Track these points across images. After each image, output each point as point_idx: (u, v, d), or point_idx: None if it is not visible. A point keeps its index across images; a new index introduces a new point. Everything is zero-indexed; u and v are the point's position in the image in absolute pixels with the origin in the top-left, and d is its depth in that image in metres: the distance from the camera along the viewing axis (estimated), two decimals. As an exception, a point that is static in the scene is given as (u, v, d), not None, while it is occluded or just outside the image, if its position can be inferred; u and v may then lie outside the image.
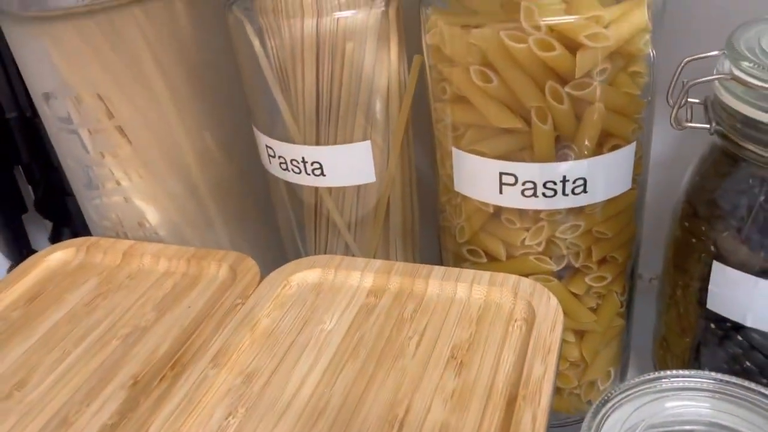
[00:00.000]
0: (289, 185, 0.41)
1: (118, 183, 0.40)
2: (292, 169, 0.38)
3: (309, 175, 0.38)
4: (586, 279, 0.35)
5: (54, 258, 0.42)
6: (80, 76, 0.36)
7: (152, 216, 0.42)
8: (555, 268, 0.35)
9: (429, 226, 0.43)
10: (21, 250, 0.61)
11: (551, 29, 0.29)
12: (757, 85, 0.28)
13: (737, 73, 0.29)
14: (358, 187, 0.39)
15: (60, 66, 0.36)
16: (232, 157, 0.43)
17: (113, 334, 0.35)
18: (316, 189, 0.40)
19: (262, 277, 0.37)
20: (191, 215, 0.43)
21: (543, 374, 0.28)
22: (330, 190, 0.39)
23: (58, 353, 0.34)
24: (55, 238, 0.65)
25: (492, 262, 0.36)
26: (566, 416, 0.41)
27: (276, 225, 0.45)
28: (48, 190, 0.61)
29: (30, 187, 0.62)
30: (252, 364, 0.31)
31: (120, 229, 0.43)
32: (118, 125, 0.39)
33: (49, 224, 0.65)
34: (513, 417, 0.26)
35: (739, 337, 0.32)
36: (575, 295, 0.36)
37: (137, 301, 0.37)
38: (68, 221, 0.63)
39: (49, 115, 0.39)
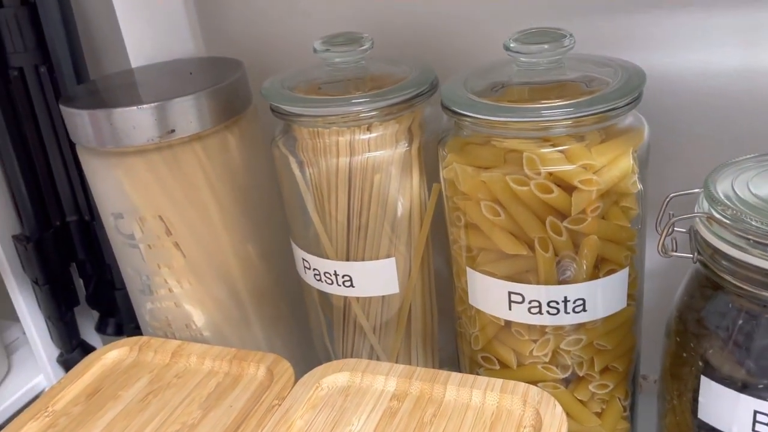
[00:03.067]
0: (321, 293, 0.45)
1: (171, 290, 0.46)
2: (325, 280, 0.43)
3: (340, 285, 0.42)
4: (590, 386, 0.39)
5: (110, 356, 0.46)
6: (146, 201, 0.42)
7: (198, 318, 0.46)
8: (561, 376, 0.38)
9: (448, 326, 0.47)
10: (71, 340, 0.66)
11: (550, 174, 0.34)
12: (731, 226, 0.32)
13: (714, 213, 0.33)
14: (383, 296, 0.44)
15: (130, 192, 0.42)
16: (270, 267, 0.48)
17: (164, 430, 0.39)
18: (346, 297, 0.44)
19: (296, 375, 0.41)
20: (232, 317, 0.47)
21: (547, 480, 0.31)
22: (358, 298, 0.44)
23: (116, 448, 0.38)
24: (102, 328, 0.70)
25: (504, 369, 0.40)
26: None
27: (307, 326, 0.50)
28: (98, 285, 0.67)
29: (82, 281, 0.68)
30: (288, 463, 0.35)
31: (168, 330, 0.48)
32: (175, 241, 0.44)
33: (95, 314, 0.70)
34: None
35: (729, 446, 0.35)
36: (580, 401, 0.39)
37: (185, 399, 0.41)
38: (114, 312, 0.68)
39: (114, 230, 0.45)
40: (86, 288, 0.68)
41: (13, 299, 0.64)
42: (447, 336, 0.47)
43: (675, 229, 0.36)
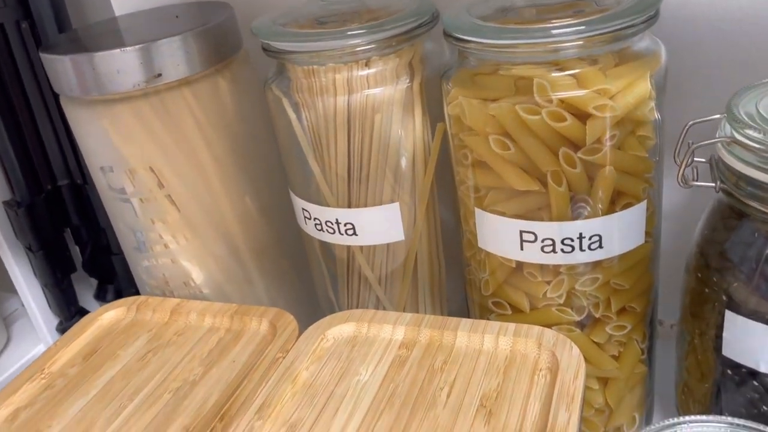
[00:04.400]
0: (323, 244, 0.44)
1: (166, 246, 0.44)
2: (327, 230, 0.41)
3: (342, 234, 0.40)
4: (607, 328, 0.37)
5: (107, 317, 0.45)
6: (135, 151, 0.40)
7: (197, 275, 0.45)
8: (576, 318, 0.37)
9: (455, 277, 0.46)
10: (69, 308, 0.64)
11: (562, 102, 0.31)
12: (756, 149, 0.30)
13: (737, 136, 0.31)
14: (388, 244, 0.42)
15: (117, 143, 0.40)
16: (270, 221, 0.46)
17: (165, 388, 0.37)
18: (349, 247, 0.43)
19: (300, 331, 0.40)
20: (233, 274, 0.46)
21: (567, 421, 0.30)
22: (361, 247, 0.42)
23: (115, 407, 0.37)
24: (100, 295, 0.69)
25: (516, 314, 0.38)
26: (595, 462, 0.42)
27: (310, 281, 0.48)
28: (94, 251, 0.65)
29: (78, 248, 0.66)
30: (294, 415, 0.34)
31: (166, 288, 0.47)
32: (168, 194, 0.42)
33: (94, 282, 0.68)
34: (540, 462, 0.28)
35: (755, 383, 0.33)
36: (597, 343, 0.38)
37: (185, 356, 0.40)
38: (112, 279, 0.67)
39: (105, 185, 0.43)
40: (82, 254, 0.66)
41: (7, 267, 0.62)
42: (454, 286, 0.46)
43: (694, 159, 0.34)
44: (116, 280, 0.65)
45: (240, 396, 0.35)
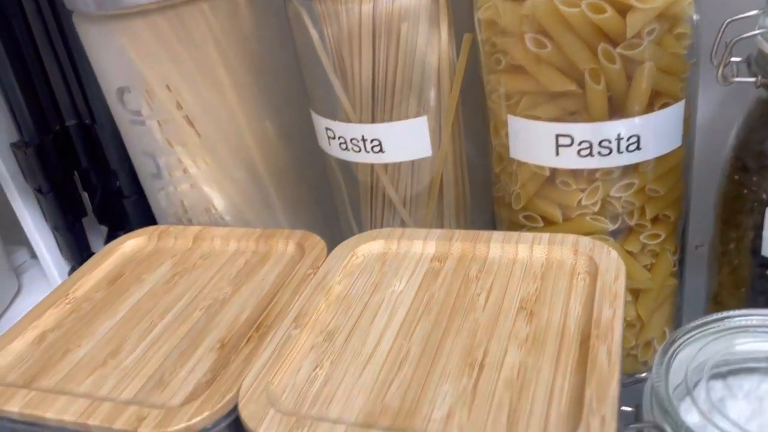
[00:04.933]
0: (345, 166, 0.43)
1: (186, 171, 0.43)
2: (352, 148, 0.40)
3: (368, 152, 0.40)
4: (641, 237, 0.37)
5: (128, 245, 0.44)
6: (152, 69, 0.39)
7: (218, 202, 0.44)
8: (610, 227, 0.36)
9: (478, 200, 0.45)
10: (81, 252, 0.63)
11: (602, -7, 0.31)
12: (801, 35, 0.29)
13: (780, 26, 0.30)
14: (413, 163, 0.41)
15: (135, 60, 0.39)
16: (290, 144, 0.45)
17: (195, 306, 0.37)
18: (372, 168, 0.42)
19: (328, 252, 0.39)
20: (253, 199, 0.45)
21: (612, 316, 0.30)
22: (386, 167, 0.41)
23: (146, 325, 0.36)
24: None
25: (549, 226, 0.38)
26: (625, 377, 0.42)
27: (330, 208, 0.48)
28: (105, 195, 0.64)
29: (86, 195, 0.65)
30: (331, 324, 0.33)
31: (185, 216, 0.46)
32: (186, 115, 0.41)
33: (104, 231, 0.68)
34: (589, 353, 0.28)
35: (795, 280, 0.33)
36: (630, 253, 0.37)
37: (213, 277, 0.39)
38: (123, 225, 0.66)
39: (122, 110, 0.42)
40: (92, 201, 0.65)
41: (17, 212, 0.62)
42: (478, 208, 0.45)
43: (731, 59, 0.34)
44: (128, 225, 0.64)
45: (274, 308, 0.35)
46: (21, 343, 0.36)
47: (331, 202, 0.48)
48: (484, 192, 0.45)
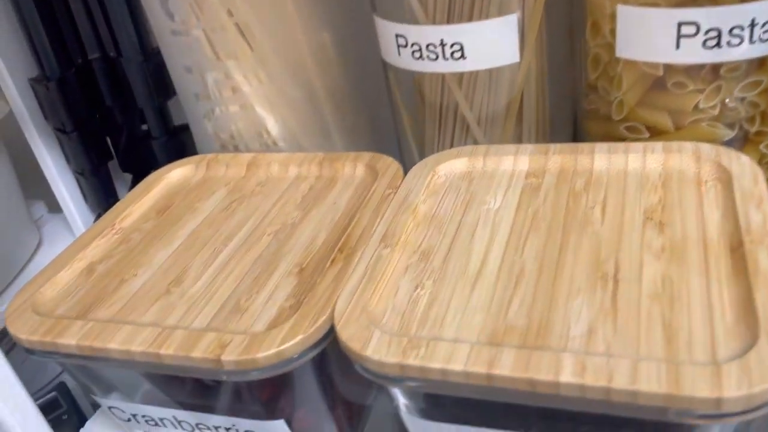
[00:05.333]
0: (411, 83, 0.39)
1: (236, 90, 0.39)
2: (428, 56, 0.36)
3: (447, 59, 0.35)
4: (761, 146, 0.33)
5: (174, 175, 0.40)
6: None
7: (272, 125, 0.40)
8: (729, 134, 0.32)
9: (557, 120, 0.41)
10: (108, 199, 0.59)
11: None
12: None
13: None
14: (490, 76, 0.37)
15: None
16: (348, 62, 0.41)
17: (262, 231, 0.33)
18: (444, 82, 0.38)
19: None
20: (309, 123, 0.41)
21: (763, 220, 0.26)
22: (461, 81, 0.37)
23: (209, 252, 0.32)
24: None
25: (655, 137, 0.34)
26: None
27: (387, 134, 0.44)
28: (131, 139, 0.60)
29: (110, 141, 0.61)
30: (423, 243, 0.30)
31: (231, 143, 0.42)
32: (237, 23, 0.37)
33: (128, 179, 0.63)
34: (747, 261, 0.24)
35: None
36: (746, 166, 0.34)
37: (276, 203, 0.35)
38: (150, 173, 0.62)
39: (164, 18, 0.38)
40: (115, 146, 0.61)
41: (37, 155, 0.57)
42: (556, 128, 0.41)
43: None
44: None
45: (355, 229, 0.31)
46: (68, 274, 0.32)
47: (389, 128, 0.44)
48: (559, 111, 0.40)
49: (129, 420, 0.32)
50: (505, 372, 0.22)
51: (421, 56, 0.36)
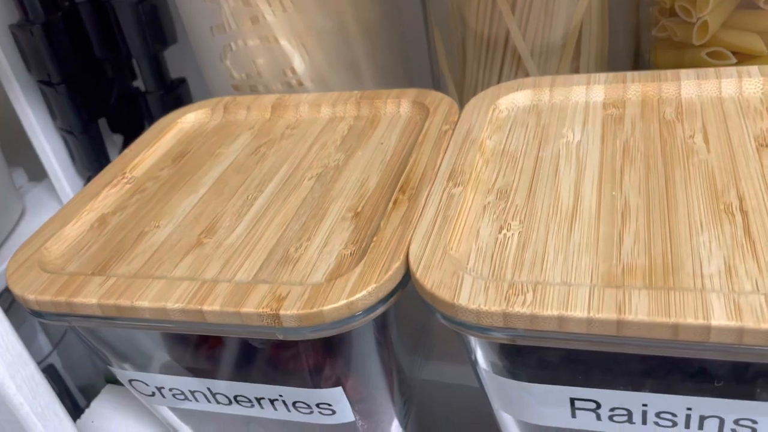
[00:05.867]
0: (453, 13, 0.34)
1: (260, 19, 0.34)
2: (482, -23, 0.32)
3: (506, -21, 0.31)
4: None
5: (187, 120, 0.35)
6: None
7: (298, 62, 0.35)
8: (829, 57, 0.29)
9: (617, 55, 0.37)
10: (100, 161, 0.54)
11: None
12: None
13: None
14: (547, 2, 0.33)
15: None
16: (382, -9, 0.37)
17: (301, 176, 0.29)
18: (493, 8, 0.33)
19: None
20: (339, 60, 0.36)
21: None
22: (513, 6, 0.33)
23: (241, 199, 0.28)
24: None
25: (743, 63, 0.30)
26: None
27: (423, 76, 0.39)
28: (122, 94, 0.54)
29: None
30: (498, 181, 0.25)
31: (246, 84, 0.37)
32: (263, -59, 0.32)
33: (118, 141, 0.58)
34: None
35: None
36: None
37: (312, 146, 0.31)
38: (143, 131, 0.56)
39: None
40: (105, 106, 0.55)
41: (19, 112, 0.51)
42: (614, 64, 0.37)
43: None
44: (149, 131, 0.55)
45: (416, 169, 0.27)
46: (77, 228, 0.28)
47: (423, 67, 0.39)
48: (618, 43, 0.37)
49: (153, 394, 0.28)
50: (641, 317, 0.18)
51: (473, -23, 0.32)
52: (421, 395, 0.32)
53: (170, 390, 0.27)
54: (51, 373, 0.60)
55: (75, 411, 0.57)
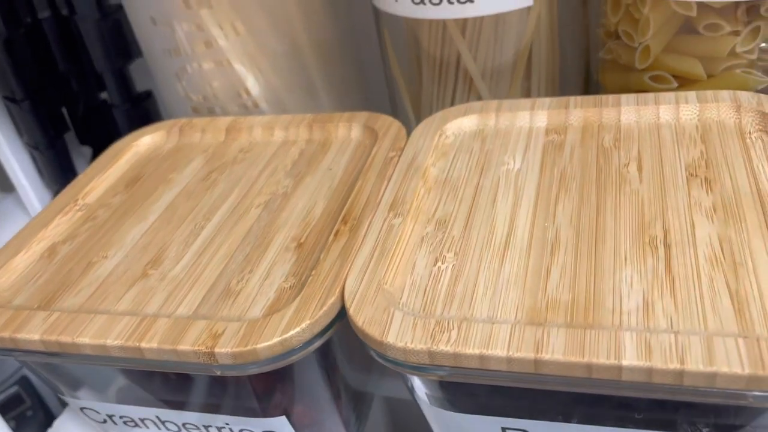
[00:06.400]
0: (408, 34, 0.35)
1: (213, 44, 0.34)
2: (430, 0, 0.32)
3: (452, 3, 0.32)
4: (798, 96, 0.30)
5: (143, 143, 0.35)
6: None
7: (252, 84, 0.35)
8: (765, 82, 0.30)
9: (567, 76, 0.38)
10: (66, 175, 0.54)
11: None
12: None
13: None
14: (497, 24, 0.33)
15: None
16: (336, 11, 0.37)
17: (249, 203, 0.29)
18: (445, 31, 0.34)
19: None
20: (294, 81, 0.36)
21: (827, 173, 0.23)
22: (464, 29, 0.33)
23: (189, 228, 0.28)
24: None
25: (684, 87, 0.31)
26: None
27: (381, 95, 0.40)
28: (88, 108, 0.54)
29: (65, 111, 0.55)
30: (438, 210, 0.26)
31: (204, 105, 0.37)
32: (213, -33, 0.32)
33: (87, 153, 0.58)
34: (816, 217, 0.21)
35: None
36: (780, 118, 0.31)
37: (263, 172, 0.31)
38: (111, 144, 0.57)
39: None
40: (72, 116, 0.55)
41: (-16, 128, 0.52)
42: (565, 84, 0.38)
43: None
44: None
45: (359, 198, 0.27)
46: (26, 258, 0.28)
47: (380, 87, 0.40)
48: (569, 64, 0.37)
49: (104, 422, 0.29)
50: (557, 356, 0.19)
51: (422, 1, 0.32)
52: (380, 410, 0.33)
53: (121, 417, 0.28)
54: (24, 385, 0.60)
55: (48, 423, 0.58)
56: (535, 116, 0.30)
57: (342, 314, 0.23)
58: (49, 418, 0.63)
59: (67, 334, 0.23)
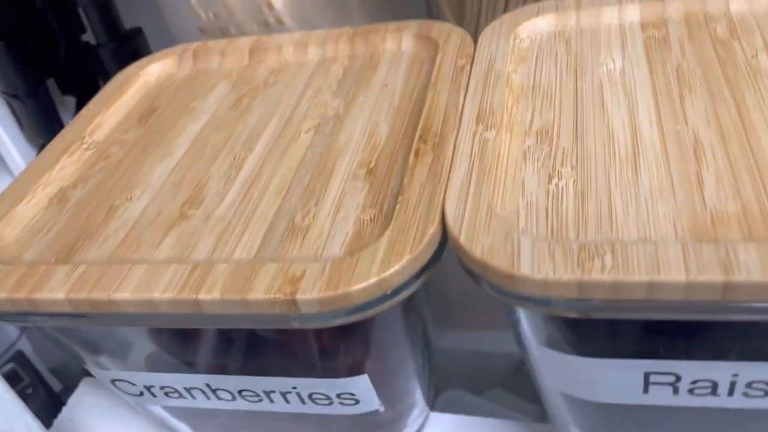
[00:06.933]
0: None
1: (229, -52, 0.29)
2: None
3: None
4: None
5: (151, 72, 0.30)
6: None
7: (277, -3, 0.30)
8: None
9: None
10: (52, 125, 0.48)
11: None
12: None
13: None
14: None
15: None
16: None
17: (296, 129, 0.24)
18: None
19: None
20: (324, -6, 0.31)
21: None
22: None
23: (227, 161, 0.23)
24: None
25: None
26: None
27: (416, 7, 0.35)
28: (71, 51, 0.48)
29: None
30: (536, 121, 0.22)
31: (215, 26, 0.32)
32: None
33: (70, 103, 0.52)
34: None
35: None
36: None
37: (304, 92, 0.26)
38: (97, 91, 0.51)
39: None
40: (54, 60, 0.49)
41: (-46, 76, 0.45)
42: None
43: None
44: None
45: (434, 113, 0.22)
46: (32, 206, 0.23)
47: (416, 2, 0.35)
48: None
49: (141, 394, 0.24)
50: (755, 276, 0.15)
51: None
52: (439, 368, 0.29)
53: (162, 389, 0.23)
54: (20, 361, 0.55)
55: (51, 399, 0.53)
56: (624, 11, 0.26)
57: (442, 248, 0.18)
58: (51, 394, 0.59)
59: (100, 290, 0.18)
